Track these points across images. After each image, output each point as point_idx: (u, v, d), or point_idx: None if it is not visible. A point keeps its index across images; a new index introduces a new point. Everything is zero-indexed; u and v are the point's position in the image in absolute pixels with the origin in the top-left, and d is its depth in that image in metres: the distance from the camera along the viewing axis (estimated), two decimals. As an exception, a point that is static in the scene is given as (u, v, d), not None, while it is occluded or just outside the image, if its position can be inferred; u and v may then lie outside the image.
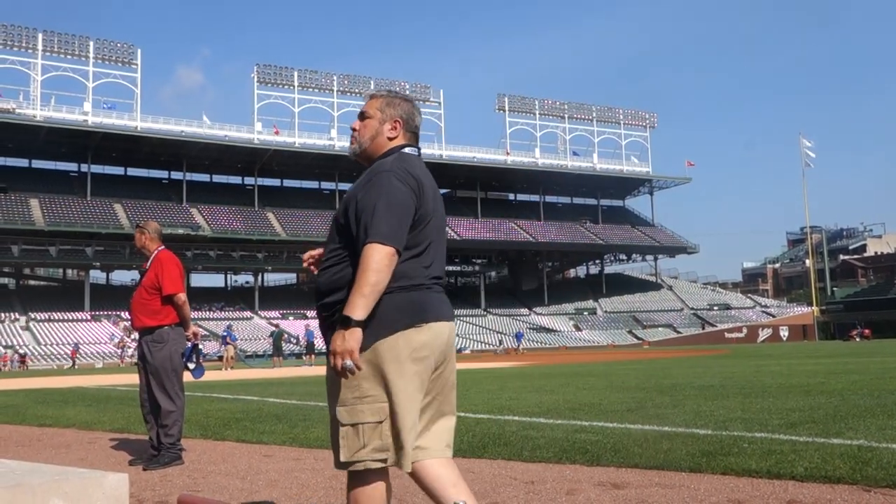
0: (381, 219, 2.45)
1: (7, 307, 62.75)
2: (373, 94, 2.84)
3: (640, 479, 4.45)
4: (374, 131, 2.76)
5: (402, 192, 2.53)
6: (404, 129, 2.77)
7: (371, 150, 2.77)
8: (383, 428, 2.46)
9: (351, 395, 2.47)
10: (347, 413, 2.47)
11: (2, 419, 10.15)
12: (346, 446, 2.46)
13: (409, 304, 2.52)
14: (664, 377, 14.62)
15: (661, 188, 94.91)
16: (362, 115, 2.80)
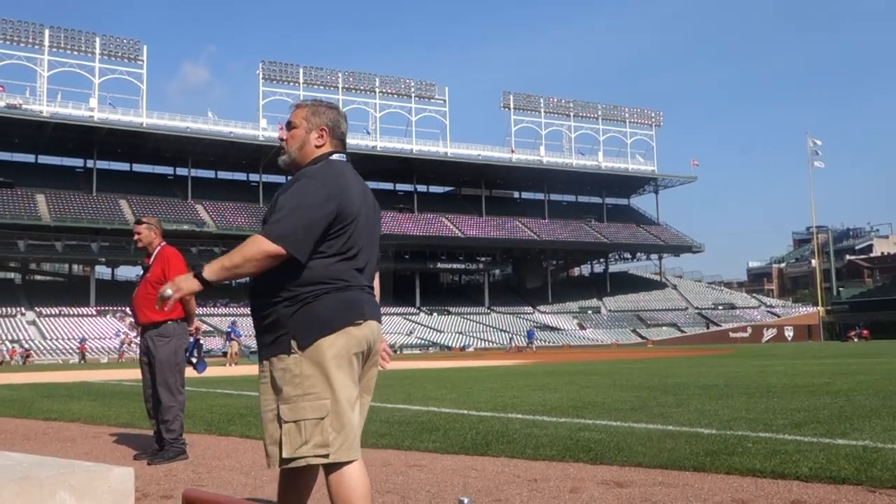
0: (285, 220, 2.53)
1: (13, 302, 62.93)
2: (298, 103, 2.92)
3: (644, 477, 4.45)
4: (302, 140, 2.83)
5: (318, 197, 2.58)
6: (331, 136, 2.85)
7: (300, 159, 2.83)
8: (324, 424, 2.52)
9: (293, 393, 2.53)
10: (290, 410, 2.53)
11: (8, 413, 10.19)
12: (288, 443, 2.51)
13: (345, 304, 2.60)
14: (668, 376, 14.61)
15: (667, 187, 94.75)
16: (289, 125, 2.86)
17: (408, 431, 6.73)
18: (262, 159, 74.20)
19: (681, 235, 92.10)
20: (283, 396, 2.56)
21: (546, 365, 23.62)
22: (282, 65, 73.89)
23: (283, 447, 2.53)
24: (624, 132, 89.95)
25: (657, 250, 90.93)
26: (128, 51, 67.66)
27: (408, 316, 74.27)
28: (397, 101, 79.36)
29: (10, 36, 63.20)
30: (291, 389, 2.54)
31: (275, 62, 73.62)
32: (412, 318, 74.05)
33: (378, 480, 4.63)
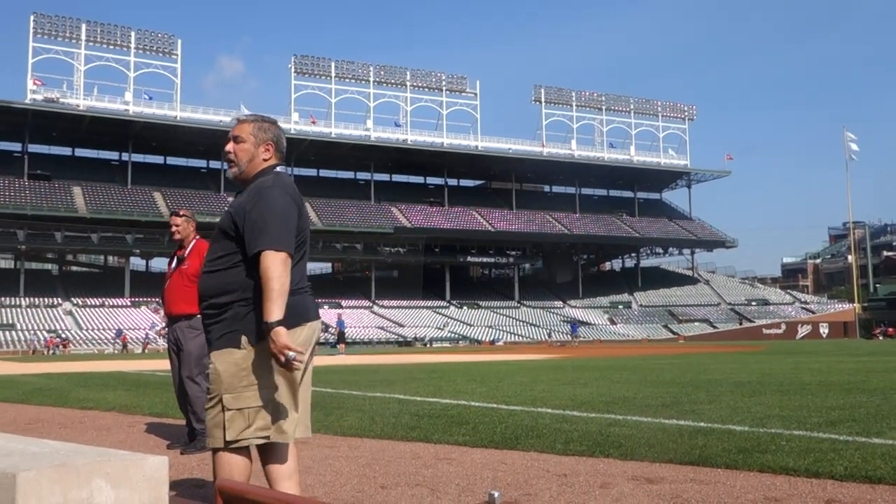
0: (273, 228, 2.77)
1: (50, 292, 64.14)
2: (243, 118, 3.10)
3: (675, 474, 4.41)
4: (251, 154, 3.03)
5: (289, 205, 2.87)
6: (275, 150, 3.06)
7: (248, 171, 3.03)
8: (265, 411, 2.79)
9: (238, 384, 2.78)
10: (234, 399, 2.77)
11: (46, 401, 10.39)
12: (231, 428, 2.75)
13: (295, 307, 2.82)
14: (700, 372, 14.47)
15: (700, 181, 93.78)
16: (236, 139, 3.05)
17: (437, 425, 6.74)
18: (293, 153, 74.60)
19: (713, 230, 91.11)
20: (226, 386, 2.78)
21: (576, 360, 23.52)
22: (314, 59, 74.23)
23: (226, 431, 2.75)
24: (656, 126, 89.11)
25: (689, 245, 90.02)
26: (162, 45, 68.46)
27: (437, 309, 74.39)
28: (428, 94, 79.37)
29: (48, 31, 64.23)
30: (237, 381, 2.78)
31: (307, 56, 73.99)
32: (442, 311, 74.15)
33: (407, 473, 4.65)
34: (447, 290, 78.25)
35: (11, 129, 65.74)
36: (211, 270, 2.90)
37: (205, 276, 2.93)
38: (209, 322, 2.88)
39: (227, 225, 2.90)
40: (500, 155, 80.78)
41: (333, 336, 46.26)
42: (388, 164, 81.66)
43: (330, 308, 67.18)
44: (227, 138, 3.09)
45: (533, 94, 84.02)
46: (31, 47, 63.90)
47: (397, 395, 10.00)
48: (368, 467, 4.89)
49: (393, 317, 69.43)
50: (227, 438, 2.75)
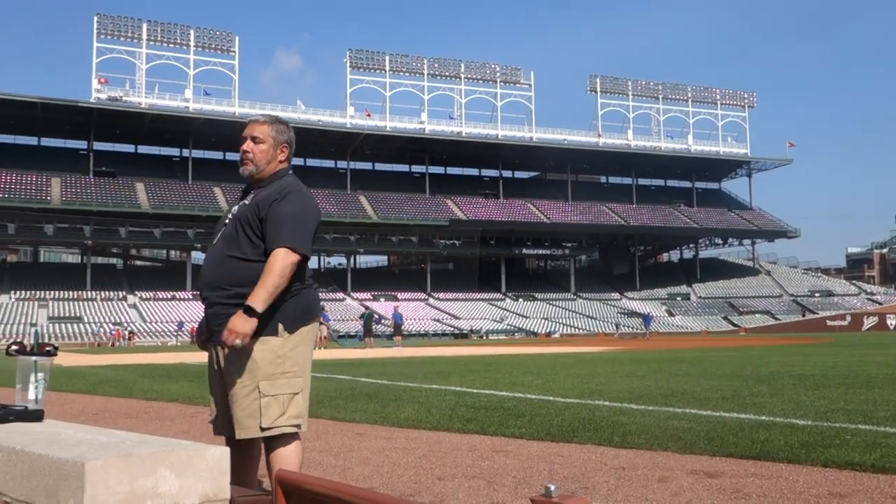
0: (297, 229, 2.88)
1: (115, 286, 66.06)
2: (258, 119, 3.16)
3: (736, 468, 4.34)
4: (269, 156, 3.08)
5: (314, 210, 3.01)
6: (290, 153, 3.16)
7: (266, 173, 3.09)
8: (298, 399, 2.88)
9: (275, 371, 2.85)
10: (270, 386, 2.84)
11: (112, 392, 10.72)
12: (266, 415, 2.81)
13: (315, 300, 3.07)
14: (761, 365, 14.17)
15: (760, 170, 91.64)
16: (255, 139, 3.08)
17: (494, 417, 6.75)
18: (349, 146, 75.36)
19: (775, 220, 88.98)
20: (263, 373, 2.84)
21: (633, 352, 23.26)
22: (368, 52, 74.69)
23: (262, 418, 2.80)
24: (715, 114, 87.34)
25: (750, 235, 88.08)
26: (220, 42, 69.73)
27: (493, 302, 74.33)
28: (482, 86, 79.20)
29: (111, 31, 66.00)
30: (273, 368, 2.85)
31: (361, 50, 74.49)
32: (497, 303, 74.07)
33: (464, 465, 4.67)
34: (503, 282, 78.11)
35: (78, 127, 67.81)
36: (231, 260, 2.92)
37: (227, 265, 2.94)
38: (231, 311, 2.85)
39: (249, 217, 2.94)
40: (555, 146, 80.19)
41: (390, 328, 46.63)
42: (443, 156, 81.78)
43: (386, 301, 67.72)
44: (243, 137, 3.11)
45: (588, 84, 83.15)
46: (95, 47, 65.78)
47: (454, 387, 10.04)
48: (425, 459, 4.92)
49: (449, 309, 69.62)
50: (262, 425, 2.81)
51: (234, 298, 2.86)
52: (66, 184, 65.22)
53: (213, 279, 2.95)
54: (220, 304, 2.91)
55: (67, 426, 2.11)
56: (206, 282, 2.99)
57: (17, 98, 62.00)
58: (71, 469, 1.56)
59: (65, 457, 1.59)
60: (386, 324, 54.19)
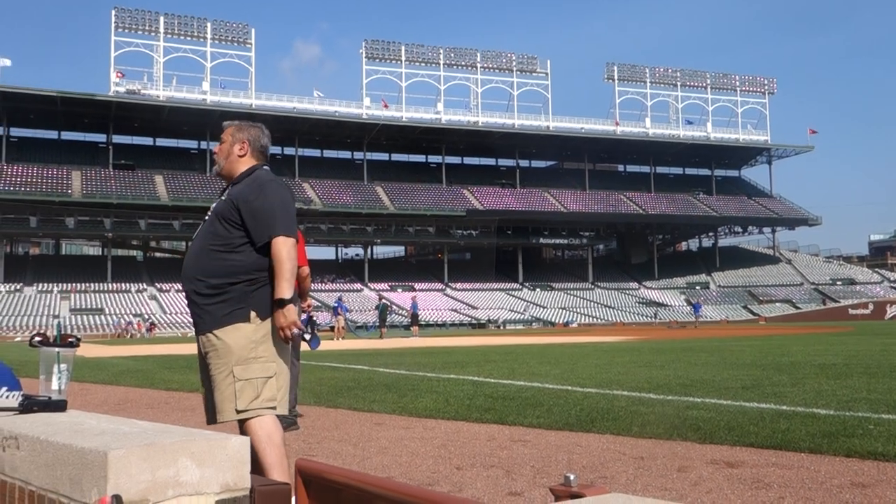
0: (282, 217, 3.04)
1: (136, 278, 66.63)
2: (228, 123, 3.41)
3: (756, 458, 4.32)
4: (227, 152, 3.29)
5: (289, 197, 3.17)
6: (251, 147, 3.30)
7: (228, 168, 3.29)
8: (271, 382, 2.98)
9: (248, 356, 2.96)
10: (244, 370, 2.95)
11: (133, 383, 10.83)
12: (242, 398, 2.92)
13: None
14: (782, 354, 14.08)
15: (781, 157, 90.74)
16: (220, 141, 3.34)
17: (512, 406, 6.75)
18: (365, 137, 75.38)
19: (796, 208, 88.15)
20: (237, 358, 2.95)
21: (651, 341, 23.18)
22: (384, 43, 74.60)
23: (237, 401, 2.92)
24: (734, 101, 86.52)
25: (770, 223, 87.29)
26: (237, 34, 69.90)
27: (510, 291, 74.28)
28: (498, 75, 78.89)
29: (128, 24, 66.34)
30: (246, 353, 2.96)
31: (377, 41, 74.40)
32: (515, 293, 74.01)
33: (482, 454, 4.68)
34: (520, 271, 78.01)
35: (97, 120, 68.32)
36: (210, 252, 3.08)
37: (203, 258, 3.10)
38: (209, 302, 3.03)
39: (226, 211, 3.10)
40: (572, 135, 79.83)
41: (407, 318, 46.74)
42: (460, 146, 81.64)
43: (403, 291, 67.84)
44: None
45: (605, 72, 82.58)
46: (113, 41, 66.12)
47: (471, 377, 10.05)
48: (443, 448, 4.93)
49: (466, 299, 69.65)
50: (237, 408, 2.92)
51: (210, 289, 3.04)
52: (86, 177, 65.76)
53: (191, 272, 3.11)
54: (199, 294, 3.07)
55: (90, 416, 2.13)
56: (184, 275, 3.15)
57: (38, 92, 62.51)
58: (94, 458, 1.57)
59: (88, 446, 1.60)
60: (402, 314, 54.30)
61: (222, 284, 3.02)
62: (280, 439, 2.98)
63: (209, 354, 3.03)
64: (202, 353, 3.11)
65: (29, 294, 59.72)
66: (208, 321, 3.03)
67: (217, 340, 2.99)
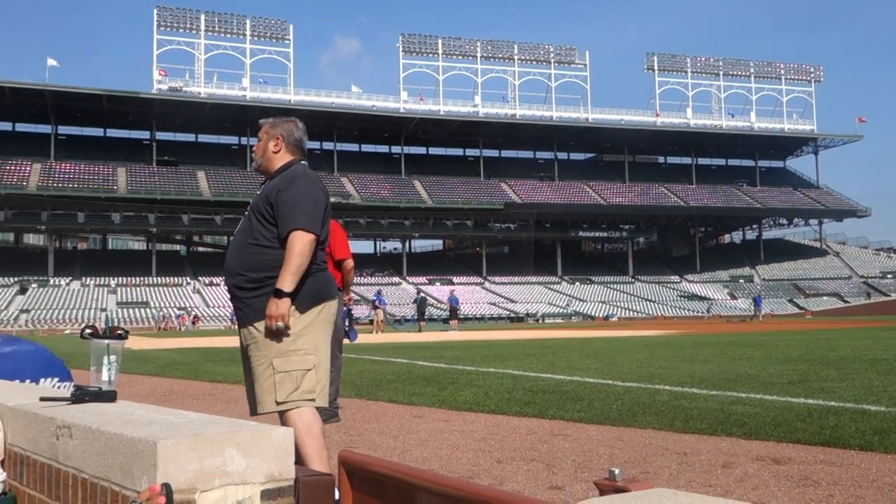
0: (306, 211, 3.07)
1: (179, 272, 67.77)
2: (263, 121, 3.47)
3: (804, 455, 4.24)
4: (263, 148, 3.36)
5: (319, 193, 3.18)
6: (285, 143, 3.36)
7: (265, 164, 3.35)
8: (310, 375, 3.01)
9: (288, 348, 3.00)
10: (283, 362, 2.99)
11: (178, 374, 11.03)
12: (281, 390, 2.97)
13: (329, 281, 3.22)
14: (830, 349, 13.80)
15: (827, 147, 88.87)
16: (258, 139, 3.42)
17: (552, 400, 6.73)
18: (403, 131, 75.58)
19: (843, 199, 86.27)
20: (277, 351, 2.99)
21: (694, 335, 22.91)
22: (421, 37, 74.69)
23: (277, 393, 2.97)
24: (779, 90, 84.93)
25: (816, 215, 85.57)
26: (276, 31, 70.57)
27: (549, 285, 73.97)
28: (536, 67, 78.48)
29: (170, 23, 67.38)
30: (286, 345, 3.00)
31: (414, 34, 74.51)
32: (554, 287, 73.68)
33: (523, 448, 4.67)
34: (559, 265, 77.63)
35: (141, 118, 69.52)
36: (249, 246, 3.13)
37: (242, 253, 3.15)
38: (250, 295, 3.08)
39: (261, 206, 3.15)
40: (611, 126, 79.11)
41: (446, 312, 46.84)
42: (497, 139, 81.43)
43: (442, 285, 67.95)
44: None
45: (645, 62, 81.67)
46: (156, 39, 67.25)
47: (511, 371, 10.04)
48: (484, 442, 4.93)
49: (504, 293, 69.54)
50: (277, 400, 2.97)
51: (250, 283, 3.10)
52: (131, 173, 67.00)
53: (232, 266, 3.17)
54: (240, 288, 3.14)
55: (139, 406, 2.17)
56: (226, 270, 3.21)
57: (84, 91, 63.87)
58: (144, 448, 1.60)
59: (138, 436, 1.63)
60: (441, 308, 54.41)
61: (262, 278, 3.06)
62: (319, 431, 3.01)
63: (250, 347, 3.08)
64: (244, 345, 3.15)
65: (77, 288, 61.10)
66: (249, 314, 3.08)
67: (258, 333, 3.04)
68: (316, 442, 2.96)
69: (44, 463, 2.04)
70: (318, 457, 2.92)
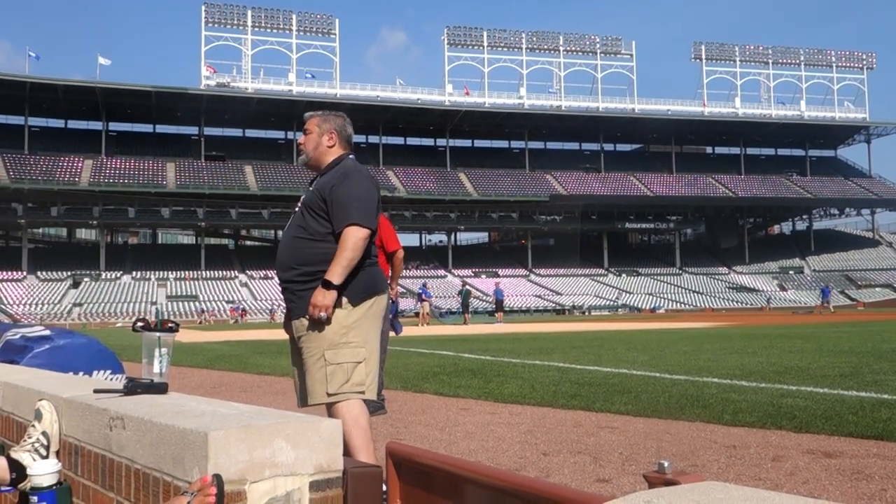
0: (361, 207, 3.10)
1: (228, 265, 68.83)
2: (311, 114, 3.44)
3: (856, 448, 4.15)
4: (315, 143, 3.34)
5: (372, 189, 3.22)
6: (338, 138, 3.35)
7: (316, 158, 3.34)
8: (360, 367, 3.05)
9: (340, 340, 3.04)
10: (335, 354, 3.03)
11: (227, 367, 11.21)
12: (333, 382, 3.01)
13: (380, 276, 3.28)
14: (883, 341, 13.46)
15: (881, 135, 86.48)
16: (305, 132, 3.39)
17: (598, 393, 6.68)
18: (448, 124, 75.57)
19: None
20: (329, 343, 3.04)
21: (743, 328, 22.53)
22: (466, 29, 74.53)
23: (328, 385, 3.01)
24: (830, 78, 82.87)
25: (869, 205, 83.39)
26: (322, 25, 71.08)
27: (595, 277, 73.38)
28: (582, 58, 77.78)
29: (218, 19, 68.32)
30: (338, 337, 3.04)
31: (459, 27, 74.39)
32: (600, 279, 73.09)
33: (569, 441, 4.65)
34: (605, 257, 76.96)
35: (189, 114, 70.66)
36: (303, 241, 3.17)
37: (295, 247, 3.19)
38: (303, 288, 3.12)
39: (314, 201, 3.18)
40: (658, 117, 78.06)
41: (491, 305, 46.77)
42: (543, 131, 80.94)
43: (487, 277, 67.88)
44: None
45: (693, 52, 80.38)
46: (203, 35, 68.25)
47: (556, 363, 10.00)
48: (530, 434, 4.93)
49: (550, 285, 69.21)
50: (328, 391, 3.01)
51: (303, 276, 3.14)
52: (180, 168, 68.19)
53: (286, 261, 3.21)
54: (292, 282, 3.18)
55: (190, 398, 2.21)
56: (279, 264, 3.25)
57: (134, 88, 65.16)
58: (195, 439, 1.63)
59: (189, 427, 1.67)
60: (487, 300, 54.37)
61: (315, 272, 3.09)
62: (367, 423, 3.04)
63: (302, 339, 3.12)
64: (295, 338, 3.19)
65: (128, 282, 62.47)
66: (302, 307, 3.11)
67: (312, 326, 3.08)
68: (363, 434, 3.00)
69: (98, 453, 2.09)
70: (365, 449, 2.95)
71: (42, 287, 59.79)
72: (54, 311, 53.91)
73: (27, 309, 53.39)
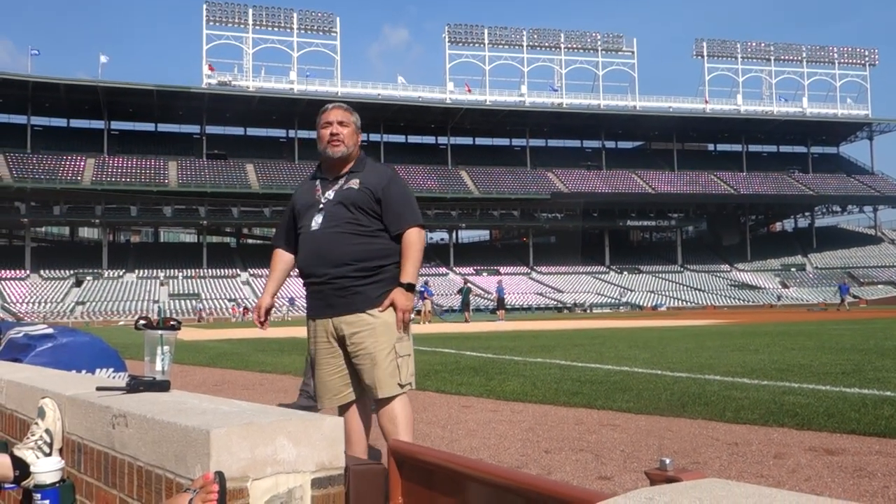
0: (415, 207, 3.28)
1: (229, 264, 68.86)
2: (341, 106, 3.45)
3: (858, 445, 4.15)
4: (356, 138, 3.41)
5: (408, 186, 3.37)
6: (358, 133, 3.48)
7: (352, 153, 3.38)
8: (412, 359, 3.26)
9: (399, 335, 3.19)
10: (403, 347, 3.19)
11: (229, 365, 11.22)
12: (405, 372, 3.18)
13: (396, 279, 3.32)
14: (885, 338, 13.46)
15: (883, 132, 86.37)
16: (342, 123, 3.37)
17: (600, 391, 6.69)
18: (449, 122, 75.53)
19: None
20: (397, 336, 3.16)
21: (744, 325, 22.53)
22: (467, 26, 74.49)
23: (399, 376, 3.15)
24: (832, 74, 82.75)
25: (871, 202, 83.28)
26: (322, 24, 71.06)
27: (597, 275, 73.38)
28: (583, 55, 77.71)
29: (219, 17, 68.31)
30: (400, 331, 3.18)
31: (460, 24, 74.37)
32: (601, 276, 73.08)
33: (571, 438, 4.65)
34: (606, 254, 76.94)
35: (191, 112, 70.68)
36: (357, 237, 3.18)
37: (346, 242, 3.18)
38: (361, 283, 3.16)
39: (364, 199, 3.21)
40: (659, 114, 77.99)
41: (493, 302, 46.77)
42: (544, 129, 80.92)
43: (489, 275, 67.87)
44: (328, 122, 3.36)
45: (694, 49, 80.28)
46: (205, 34, 68.23)
47: (558, 361, 10.00)
48: (531, 431, 4.93)
49: (552, 283, 69.20)
50: (400, 382, 3.16)
51: (360, 272, 3.17)
52: (181, 167, 68.23)
53: (335, 256, 3.17)
54: (346, 277, 3.17)
55: (192, 396, 2.22)
56: (323, 260, 3.19)
57: (136, 87, 65.17)
58: (197, 436, 1.64)
59: (191, 424, 1.67)
60: (488, 298, 54.36)
61: (376, 267, 3.18)
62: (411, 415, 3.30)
63: (359, 334, 3.14)
64: (337, 335, 3.19)
65: (130, 280, 62.53)
66: (360, 302, 3.15)
67: (374, 319, 3.14)
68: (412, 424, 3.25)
69: (100, 451, 2.09)
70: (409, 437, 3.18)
71: (45, 286, 59.85)
72: (57, 309, 53.98)
73: (30, 307, 53.45)
